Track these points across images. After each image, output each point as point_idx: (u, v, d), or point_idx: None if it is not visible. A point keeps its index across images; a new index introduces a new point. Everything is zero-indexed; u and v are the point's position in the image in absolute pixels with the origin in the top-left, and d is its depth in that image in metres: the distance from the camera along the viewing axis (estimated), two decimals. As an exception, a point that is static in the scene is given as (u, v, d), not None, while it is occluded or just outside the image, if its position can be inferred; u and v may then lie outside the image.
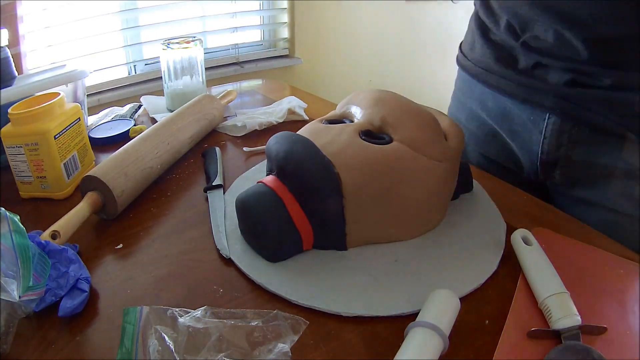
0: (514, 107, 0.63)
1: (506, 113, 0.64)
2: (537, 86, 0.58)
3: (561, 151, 0.59)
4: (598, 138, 0.56)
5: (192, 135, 0.69)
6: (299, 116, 0.81)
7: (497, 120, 0.67)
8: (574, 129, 0.57)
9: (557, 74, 0.56)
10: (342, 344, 0.38)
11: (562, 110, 0.57)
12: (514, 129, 0.64)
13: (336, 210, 0.45)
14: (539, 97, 0.58)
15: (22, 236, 0.39)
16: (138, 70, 1.79)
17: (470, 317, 0.40)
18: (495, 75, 0.64)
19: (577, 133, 0.57)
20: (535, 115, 0.60)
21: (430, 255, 0.47)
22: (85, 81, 0.74)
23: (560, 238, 0.49)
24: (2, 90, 0.61)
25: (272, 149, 0.49)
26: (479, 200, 0.56)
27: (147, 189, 0.60)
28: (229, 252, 0.47)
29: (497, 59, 0.63)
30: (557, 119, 0.58)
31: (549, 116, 0.58)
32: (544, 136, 0.59)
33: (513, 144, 0.66)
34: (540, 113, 0.59)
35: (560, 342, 0.36)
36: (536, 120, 0.60)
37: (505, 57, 0.62)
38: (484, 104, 0.68)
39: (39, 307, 0.40)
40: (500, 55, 0.62)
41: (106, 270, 0.47)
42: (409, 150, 0.47)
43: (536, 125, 0.60)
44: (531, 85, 0.59)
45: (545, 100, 0.58)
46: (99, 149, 0.71)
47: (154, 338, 0.34)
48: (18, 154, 0.56)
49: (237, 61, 1.99)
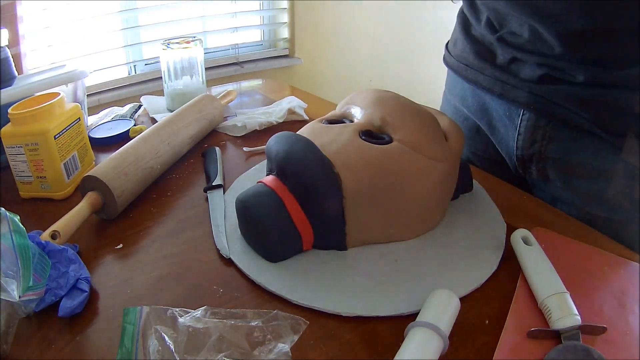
0: (492, 102, 0.63)
1: (485, 108, 0.65)
2: (512, 82, 0.58)
3: (535, 147, 0.59)
4: (572, 135, 0.56)
5: (192, 135, 0.69)
6: (299, 116, 0.81)
7: (477, 115, 0.67)
8: (548, 126, 0.57)
9: (532, 69, 0.56)
10: (342, 344, 0.38)
11: (536, 106, 0.57)
12: (492, 123, 0.65)
13: (336, 210, 0.45)
14: (514, 93, 0.58)
15: (22, 236, 0.39)
16: (138, 70, 1.79)
17: (470, 317, 0.40)
18: (473, 70, 0.64)
19: (551, 130, 0.57)
20: (511, 110, 0.60)
21: (430, 255, 0.47)
22: (85, 81, 0.74)
23: (560, 238, 0.49)
24: (2, 90, 0.61)
25: (272, 149, 0.49)
26: (479, 200, 0.56)
27: (147, 189, 0.60)
28: (229, 252, 0.47)
29: (476, 54, 0.63)
30: (531, 114, 0.58)
31: (523, 112, 0.58)
32: (519, 132, 0.60)
33: (493, 139, 0.66)
34: (515, 109, 0.59)
35: (560, 342, 0.36)
36: (512, 116, 0.60)
37: (483, 52, 0.62)
38: (464, 99, 0.68)
39: (39, 307, 0.40)
40: (479, 50, 0.63)
41: (106, 270, 0.47)
42: (409, 150, 0.47)
43: (512, 120, 0.60)
44: (507, 80, 0.59)
45: (520, 96, 0.58)
46: (99, 149, 0.71)
47: (154, 338, 0.34)
48: (18, 154, 0.56)
49: (237, 61, 1.99)
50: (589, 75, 0.52)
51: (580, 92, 0.53)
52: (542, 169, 0.60)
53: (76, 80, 0.71)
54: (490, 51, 0.61)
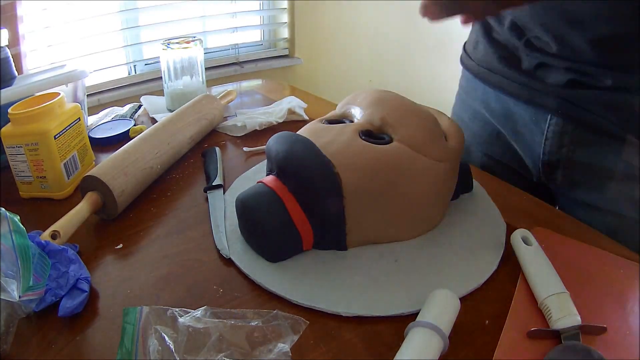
0: (517, 108, 0.63)
1: (509, 113, 0.64)
2: (539, 87, 0.58)
3: (563, 152, 0.59)
4: (600, 140, 0.56)
5: (192, 135, 0.69)
6: (299, 116, 0.81)
7: (500, 120, 0.67)
8: (576, 131, 0.57)
9: (559, 75, 0.56)
10: (342, 344, 0.38)
11: (563, 111, 0.57)
12: (517, 129, 0.64)
13: (336, 210, 0.45)
14: (541, 98, 0.58)
15: (22, 236, 0.39)
16: (138, 70, 1.79)
17: (470, 317, 0.40)
18: (498, 75, 0.64)
19: (579, 134, 0.57)
20: (538, 116, 0.60)
21: (430, 255, 0.47)
22: (85, 81, 0.74)
23: (560, 238, 0.49)
24: (2, 90, 0.61)
25: (272, 149, 0.49)
26: (479, 200, 0.56)
27: (147, 189, 0.60)
28: (229, 252, 0.47)
29: (500, 59, 0.63)
30: (558, 119, 0.58)
31: (550, 117, 0.58)
32: (546, 137, 0.59)
33: (516, 145, 0.66)
34: (542, 114, 0.59)
35: (560, 342, 0.36)
36: (538, 121, 0.60)
37: (508, 57, 0.62)
38: (487, 104, 0.68)
39: (39, 307, 0.40)
40: (503, 54, 0.62)
41: (106, 270, 0.47)
42: (409, 150, 0.47)
43: (538, 126, 0.60)
44: (533, 86, 0.59)
45: (547, 101, 0.58)
46: (99, 149, 0.71)
47: (154, 338, 0.34)
48: (18, 154, 0.56)
49: (237, 61, 1.99)
50: (617, 80, 0.52)
51: (607, 96, 0.53)
52: (569, 174, 0.60)
53: (76, 80, 0.71)
54: (515, 56, 0.60)
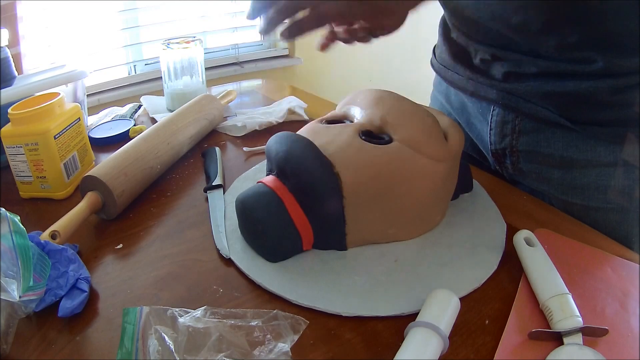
0: (468, 101, 0.67)
1: (464, 106, 0.68)
2: (483, 81, 0.62)
3: (506, 141, 0.62)
4: (540, 127, 0.58)
5: (192, 135, 0.69)
6: (299, 116, 0.81)
7: (458, 113, 0.71)
8: (517, 120, 0.60)
9: (497, 67, 0.59)
10: (342, 344, 0.38)
11: (503, 102, 0.60)
12: (470, 121, 0.68)
13: (336, 210, 0.45)
14: (484, 91, 0.62)
15: (22, 236, 0.39)
16: (138, 70, 1.79)
17: (470, 317, 0.40)
18: (450, 71, 0.68)
19: (520, 123, 0.60)
20: (483, 107, 0.63)
21: (430, 255, 0.47)
22: (85, 81, 0.74)
23: (561, 239, 0.49)
24: (2, 90, 0.61)
25: (272, 149, 0.49)
26: (479, 200, 0.56)
27: (147, 189, 0.60)
28: (229, 252, 0.47)
29: (453, 56, 0.67)
30: (500, 110, 0.61)
31: (493, 108, 0.62)
32: (490, 127, 0.63)
33: (472, 135, 0.69)
34: (486, 105, 0.63)
35: (562, 344, 0.36)
36: (484, 113, 0.63)
37: (459, 54, 0.65)
38: (448, 97, 0.72)
39: (39, 307, 0.40)
40: (456, 52, 0.66)
41: (106, 270, 0.47)
42: (409, 150, 0.47)
43: (485, 117, 0.64)
44: (477, 79, 0.62)
45: (489, 93, 0.61)
46: (99, 149, 0.71)
47: (154, 338, 0.34)
48: (18, 154, 0.56)
49: (237, 61, 1.99)
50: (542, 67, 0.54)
51: (542, 85, 0.55)
52: (516, 163, 0.63)
53: (76, 80, 0.71)
54: (465, 52, 0.64)
